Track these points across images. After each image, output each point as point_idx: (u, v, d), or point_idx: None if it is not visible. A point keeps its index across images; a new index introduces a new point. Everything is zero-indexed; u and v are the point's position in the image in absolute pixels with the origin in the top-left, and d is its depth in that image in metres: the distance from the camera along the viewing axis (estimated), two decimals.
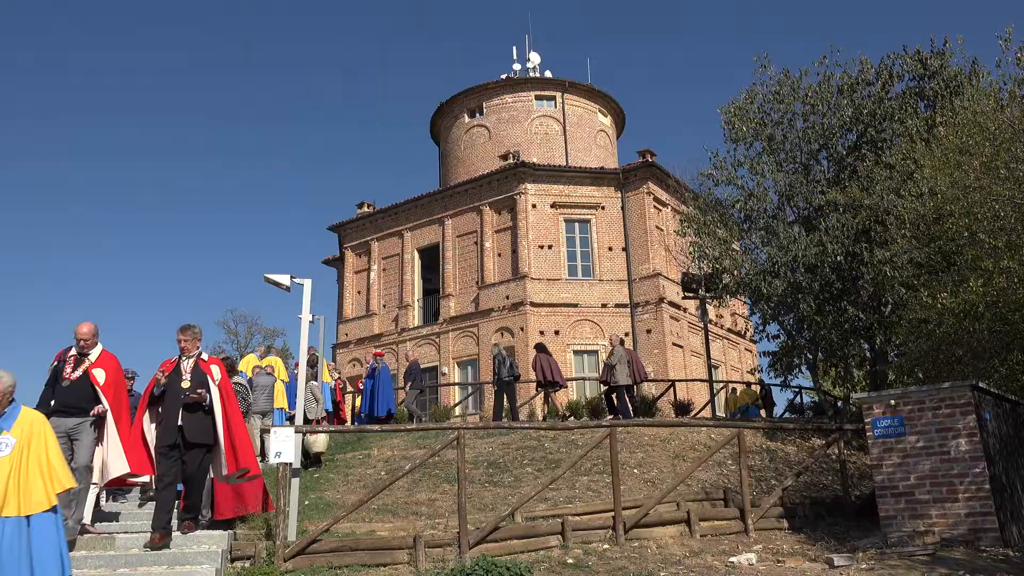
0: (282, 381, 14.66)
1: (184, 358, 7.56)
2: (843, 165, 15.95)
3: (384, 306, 30.13)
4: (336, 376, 17.81)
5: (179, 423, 7.28)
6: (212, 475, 7.71)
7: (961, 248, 11.16)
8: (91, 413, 7.23)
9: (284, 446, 7.87)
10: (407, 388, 16.49)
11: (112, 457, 7.24)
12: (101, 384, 7.33)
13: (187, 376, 7.43)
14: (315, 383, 13.58)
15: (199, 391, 7.34)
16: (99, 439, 7.31)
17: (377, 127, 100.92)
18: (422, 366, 28.18)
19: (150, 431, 7.59)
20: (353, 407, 18.28)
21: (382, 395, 16.25)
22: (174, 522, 7.47)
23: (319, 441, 11.99)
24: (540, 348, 16.82)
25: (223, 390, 7.56)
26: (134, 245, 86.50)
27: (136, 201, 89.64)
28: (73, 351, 7.47)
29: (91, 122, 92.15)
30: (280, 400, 13.92)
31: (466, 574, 6.83)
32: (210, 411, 7.42)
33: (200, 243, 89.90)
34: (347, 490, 10.78)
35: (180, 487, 7.63)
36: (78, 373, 7.32)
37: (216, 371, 7.59)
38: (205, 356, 7.68)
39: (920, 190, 12.42)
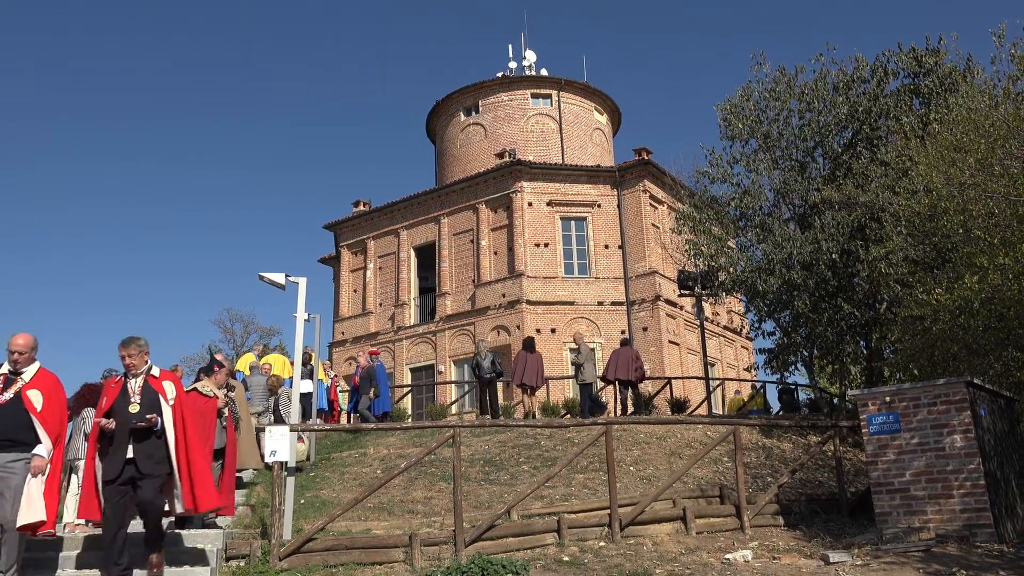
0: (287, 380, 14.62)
1: (131, 377, 6.38)
2: (838, 162, 15.97)
3: (380, 304, 30.12)
4: (332, 375, 17.79)
5: (129, 455, 6.13)
6: (170, 507, 6.50)
7: (956, 245, 11.17)
8: (31, 468, 5.94)
9: (279, 445, 7.86)
10: (371, 395, 16.10)
11: (29, 501, 5.92)
12: (38, 410, 6.02)
13: (136, 398, 6.26)
14: (288, 388, 13.44)
15: (149, 416, 6.18)
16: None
17: (373, 125, 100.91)
18: (419, 364, 28.33)
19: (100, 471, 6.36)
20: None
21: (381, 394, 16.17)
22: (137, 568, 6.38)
23: (298, 450, 11.82)
24: (525, 345, 16.81)
25: (178, 411, 6.40)
26: (129, 244, 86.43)
27: (131, 200, 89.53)
28: (4, 368, 6.15)
29: (88, 122, 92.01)
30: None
31: (462, 572, 6.83)
32: (163, 436, 6.30)
33: (195, 242, 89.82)
34: (343, 488, 10.77)
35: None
36: (8, 396, 6.01)
37: (170, 389, 6.44)
38: (156, 371, 6.51)
39: (915, 187, 12.43)
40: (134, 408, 6.19)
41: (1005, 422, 9.44)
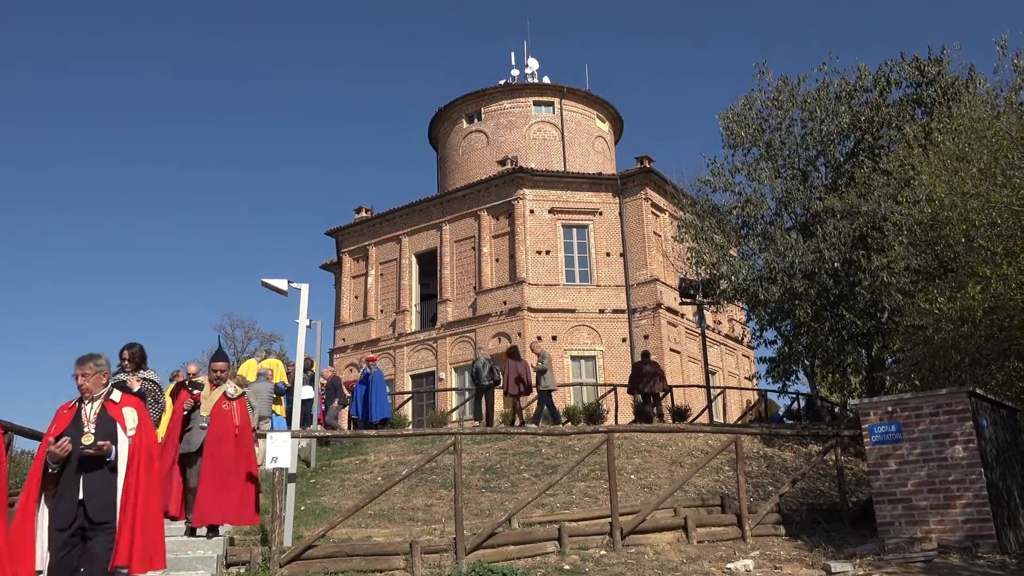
0: (280, 384, 14.60)
1: (86, 402, 5.30)
2: (841, 171, 15.99)
3: (381, 311, 30.12)
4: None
5: (80, 496, 5.02)
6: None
7: (958, 254, 11.18)
8: None
9: (280, 451, 7.85)
10: (335, 404, 15.98)
11: None
12: None
13: (90, 426, 5.18)
14: (255, 386, 13.35)
15: (101, 443, 5.11)
16: None
17: (375, 132, 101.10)
18: (419, 371, 28.32)
19: (44, 516, 5.13)
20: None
21: (376, 400, 16.16)
22: None
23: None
24: (510, 354, 16.92)
25: (138, 445, 5.26)
26: (131, 248, 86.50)
27: (133, 204, 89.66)
28: None
29: (90, 124, 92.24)
30: (277, 407, 13.83)
31: None
32: (115, 472, 5.18)
33: (198, 247, 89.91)
34: (343, 495, 10.75)
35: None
36: None
37: (131, 417, 5.33)
38: (117, 396, 5.42)
39: (917, 196, 12.44)
40: (87, 439, 5.15)
41: (1007, 432, 9.42)
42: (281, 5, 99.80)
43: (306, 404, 14.46)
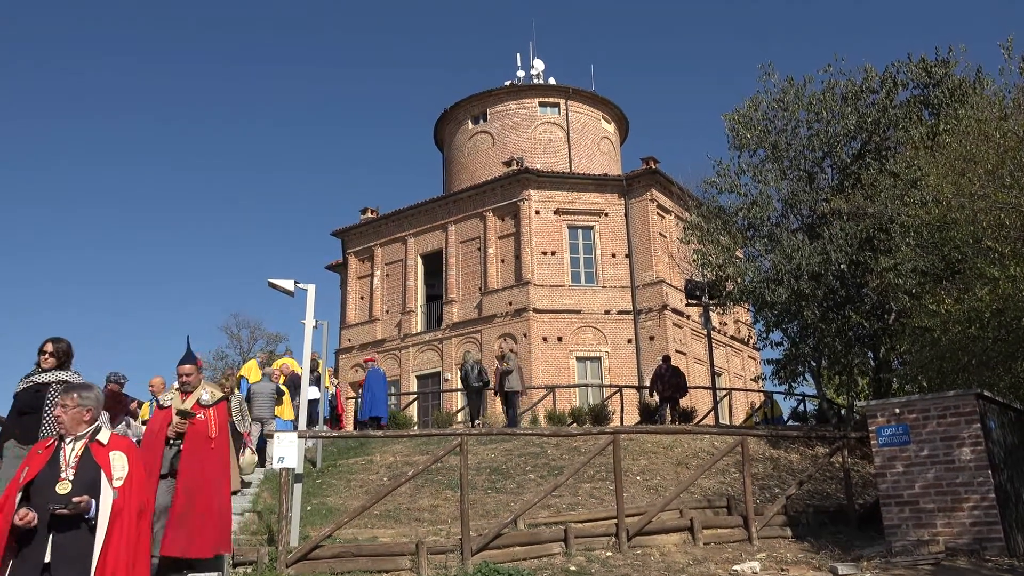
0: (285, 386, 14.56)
1: (67, 441, 4.30)
2: (847, 173, 15.95)
3: (387, 312, 30.15)
4: (336, 383, 17.79)
5: (46, 558, 4.01)
6: None
7: (966, 256, 11.14)
8: None
9: (287, 451, 7.87)
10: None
11: None
12: None
13: (67, 472, 4.18)
14: (239, 395, 13.31)
15: (77, 499, 4.05)
16: None
17: (381, 133, 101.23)
18: (425, 372, 28.34)
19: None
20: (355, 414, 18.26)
21: (368, 399, 16.18)
22: None
23: (248, 463, 11.09)
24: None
25: (127, 497, 4.24)
26: (137, 248, 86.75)
27: (139, 204, 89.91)
28: None
29: (95, 124, 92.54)
30: (285, 411, 13.75)
31: None
32: (95, 531, 4.11)
33: (204, 247, 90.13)
34: (349, 496, 10.76)
35: None
36: None
37: (120, 462, 4.31)
38: (105, 436, 4.39)
39: (924, 198, 12.41)
40: (63, 487, 4.13)
41: (1015, 435, 9.39)
42: (286, 5, 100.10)
43: (312, 404, 14.43)
